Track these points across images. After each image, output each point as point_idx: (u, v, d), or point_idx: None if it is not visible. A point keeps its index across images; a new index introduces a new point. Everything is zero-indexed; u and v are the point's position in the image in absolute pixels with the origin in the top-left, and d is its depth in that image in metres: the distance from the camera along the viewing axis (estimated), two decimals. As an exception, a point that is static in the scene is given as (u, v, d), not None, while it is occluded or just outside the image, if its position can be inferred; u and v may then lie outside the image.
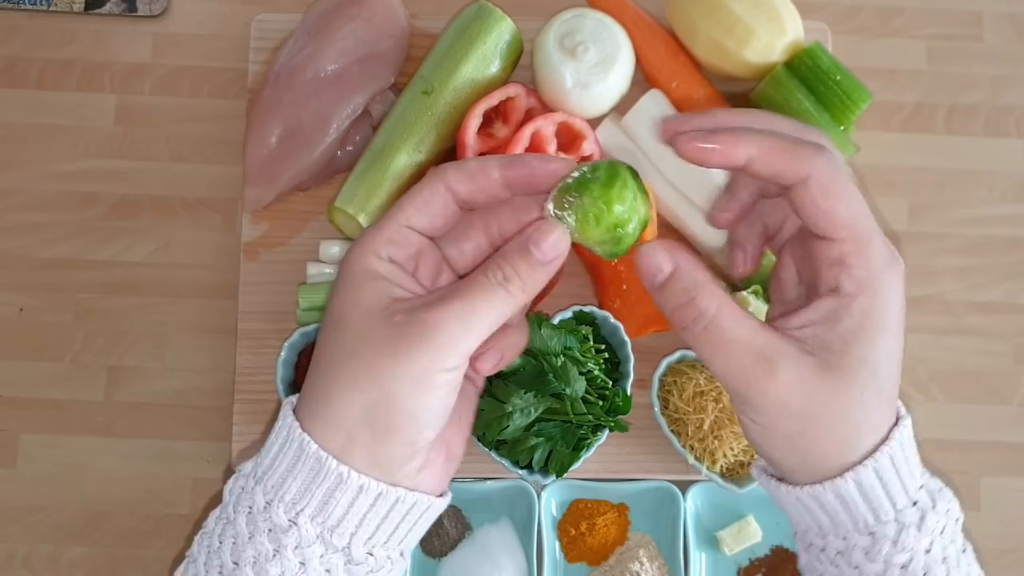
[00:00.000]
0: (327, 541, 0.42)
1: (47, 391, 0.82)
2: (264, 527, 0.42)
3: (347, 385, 0.42)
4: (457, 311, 0.42)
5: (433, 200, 0.45)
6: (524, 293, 0.43)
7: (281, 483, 0.42)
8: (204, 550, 0.44)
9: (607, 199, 0.42)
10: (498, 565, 0.76)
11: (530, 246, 0.43)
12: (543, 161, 0.44)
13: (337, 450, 0.42)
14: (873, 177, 0.87)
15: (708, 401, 0.76)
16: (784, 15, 0.80)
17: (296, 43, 0.81)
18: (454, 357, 0.42)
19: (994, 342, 0.85)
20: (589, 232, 0.43)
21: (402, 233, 0.44)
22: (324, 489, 0.42)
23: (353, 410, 0.42)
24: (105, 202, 0.85)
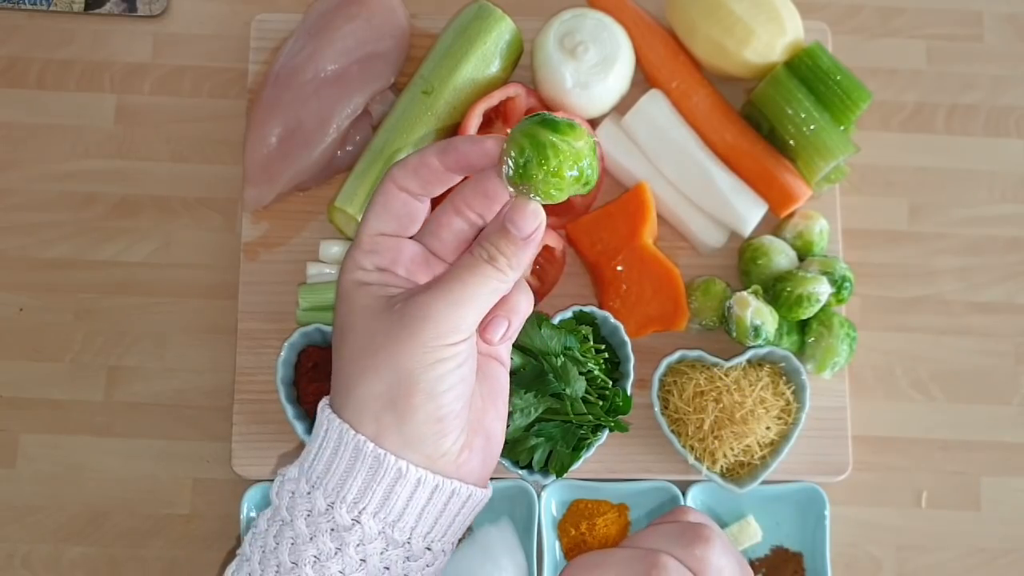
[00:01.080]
0: (388, 536, 0.45)
1: (47, 391, 0.82)
2: (326, 527, 0.44)
3: (365, 375, 0.45)
4: (450, 288, 0.45)
5: (390, 203, 0.47)
6: (512, 268, 0.46)
7: (341, 485, 0.44)
8: (258, 550, 0.46)
9: (553, 171, 0.44)
10: (498, 565, 0.76)
11: (508, 225, 0.45)
12: (473, 144, 0.46)
13: (371, 435, 0.44)
14: (873, 177, 0.87)
15: (708, 401, 0.76)
16: (784, 15, 0.80)
17: (296, 43, 0.81)
18: (455, 332, 0.44)
19: (994, 342, 0.85)
20: (559, 198, 0.45)
21: (376, 241, 0.47)
22: (384, 486, 0.44)
23: (376, 396, 0.44)
24: (105, 202, 0.85)
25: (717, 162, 0.81)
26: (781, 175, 0.80)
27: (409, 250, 0.48)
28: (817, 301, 0.77)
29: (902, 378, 0.84)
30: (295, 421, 0.75)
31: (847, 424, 0.81)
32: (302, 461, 0.46)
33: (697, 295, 0.80)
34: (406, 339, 0.44)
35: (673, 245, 0.84)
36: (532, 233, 0.45)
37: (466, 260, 0.46)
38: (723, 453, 0.76)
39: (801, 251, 0.82)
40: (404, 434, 0.44)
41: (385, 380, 0.44)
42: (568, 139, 0.44)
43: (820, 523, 0.79)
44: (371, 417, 0.44)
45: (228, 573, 0.47)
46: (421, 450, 0.45)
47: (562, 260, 0.81)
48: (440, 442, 0.45)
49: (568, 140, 0.44)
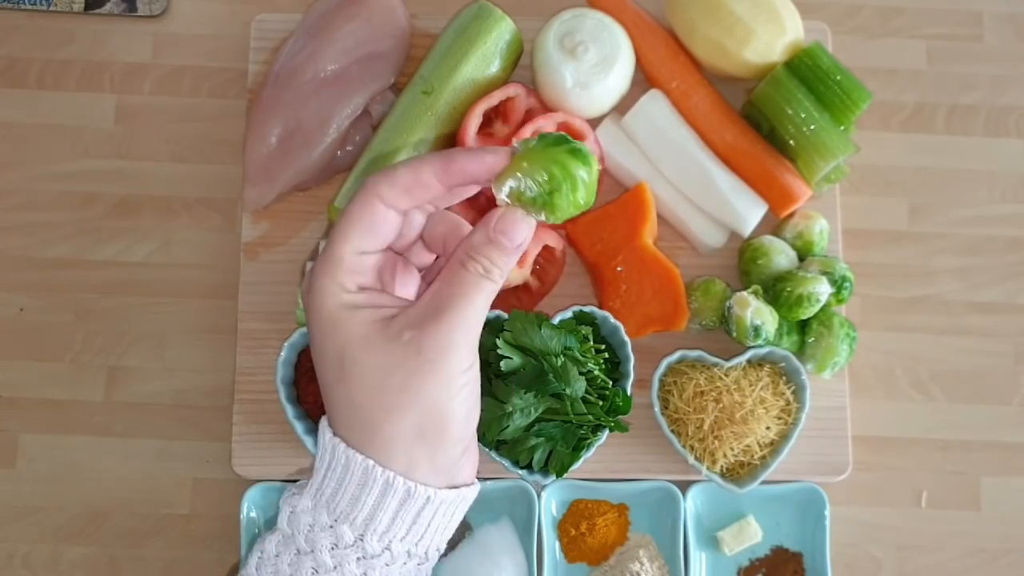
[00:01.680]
0: (412, 553, 0.46)
1: (47, 391, 0.82)
2: (352, 556, 0.45)
3: (392, 414, 0.44)
4: (460, 314, 0.44)
5: (375, 220, 0.45)
6: (503, 277, 0.46)
7: (371, 517, 0.44)
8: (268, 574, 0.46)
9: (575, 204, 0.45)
10: (498, 565, 0.76)
11: (501, 238, 0.45)
12: (476, 158, 0.45)
13: (402, 471, 0.44)
14: (873, 177, 0.87)
15: (708, 401, 0.76)
16: (784, 15, 0.80)
17: (296, 43, 0.81)
18: (470, 355, 0.45)
19: (994, 342, 0.85)
20: (563, 216, 0.45)
21: (357, 260, 0.45)
22: (413, 512, 0.45)
23: (405, 433, 0.44)
24: (105, 202, 0.85)
25: (717, 162, 0.81)
26: (781, 175, 0.80)
27: (389, 259, 0.47)
28: (817, 301, 0.77)
29: (902, 378, 0.84)
30: (295, 421, 0.75)
31: (847, 424, 0.81)
32: (314, 491, 0.46)
33: (697, 295, 0.80)
34: (431, 374, 0.43)
35: (673, 245, 0.84)
36: (523, 244, 0.46)
37: (463, 278, 0.45)
38: (723, 453, 0.76)
39: (801, 251, 0.82)
40: (435, 463, 0.45)
41: (414, 416, 0.44)
42: (591, 171, 0.45)
43: (820, 523, 0.79)
44: (402, 452, 0.44)
45: None
46: (449, 475, 0.45)
47: (562, 260, 0.81)
48: (459, 460, 0.46)
49: (591, 172, 0.45)
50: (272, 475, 0.79)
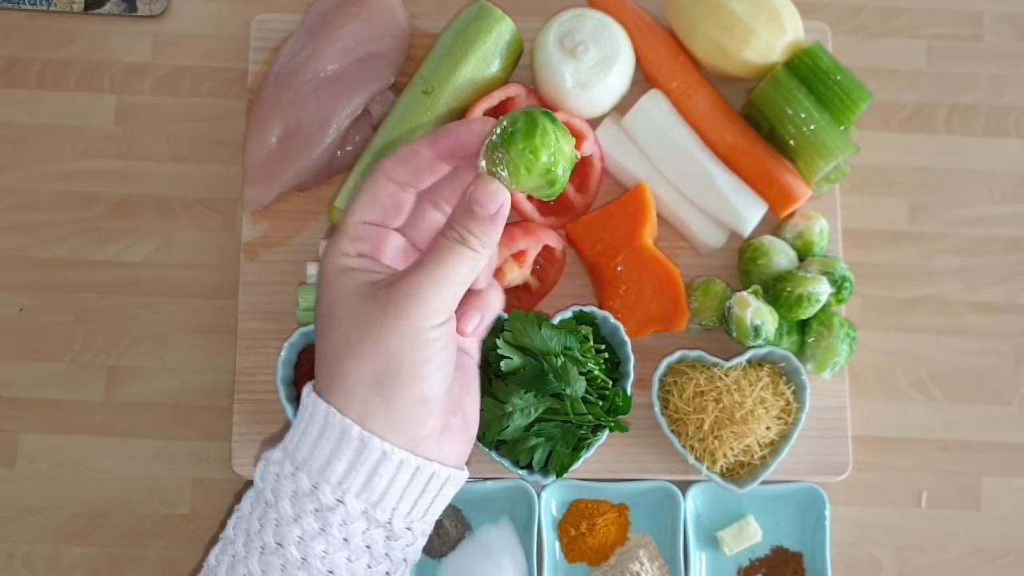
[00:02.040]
0: (370, 516, 0.46)
1: (47, 391, 0.82)
2: (310, 507, 0.45)
3: (353, 360, 0.45)
4: (430, 270, 0.46)
5: (379, 194, 0.49)
6: (483, 247, 0.47)
7: (326, 466, 0.45)
8: (242, 532, 0.47)
9: (533, 149, 0.45)
10: (498, 565, 0.76)
11: (475, 207, 0.46)
12: (464, 125, 0.48)
13: (357, 418, 0.45)
14: (873, 177, 0.87)
15: (708, 401, 0.76)
16: (784, 15, 0.80)
17: (296, 43, 0.81)
18: (439, 312, 0.46)
19: (994, 342, 0.85)
20: (523, 183, 0.46)
21: (360, 229, 0.48)
22: (368, 467, 0.45)
23: (363, 379, 0.45)
24: (105, 202, 0.85)
25: (717, 162, 0.81)
26: (781, 175, 0.80)
27: (392, 240, 0.49)
28: (817, 301, 0.77)
29: (902, 378, 0.84)
30: (295, 421, 0.75)
31: (847, 424, 0.81)
32: (286, 444, 0.47)
33: (697, 295, 0.80)
34: (392, 323, 0.45)
35: (673, 245, 0.84)
36: (496, 212, 0.46)
37: (441, 243, 0.47)
38: (723, 453, 0.76)
39: (801, 251, 0.82)
40: (391, 416, 0.45)
41: (372, 363, 0.45)
42: (559, 133, 0.46)
43: (820, 523, 0.79)
44: (358, 400, 0.45)
45: (211, 557, 0.48)
46: (406, 432, 0.46)
47: (562, 260, 0.81)
48: (425, 423, 0.46)
49: (559, 133, 0.46)
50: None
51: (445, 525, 0.78)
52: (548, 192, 0.47)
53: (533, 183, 0.46)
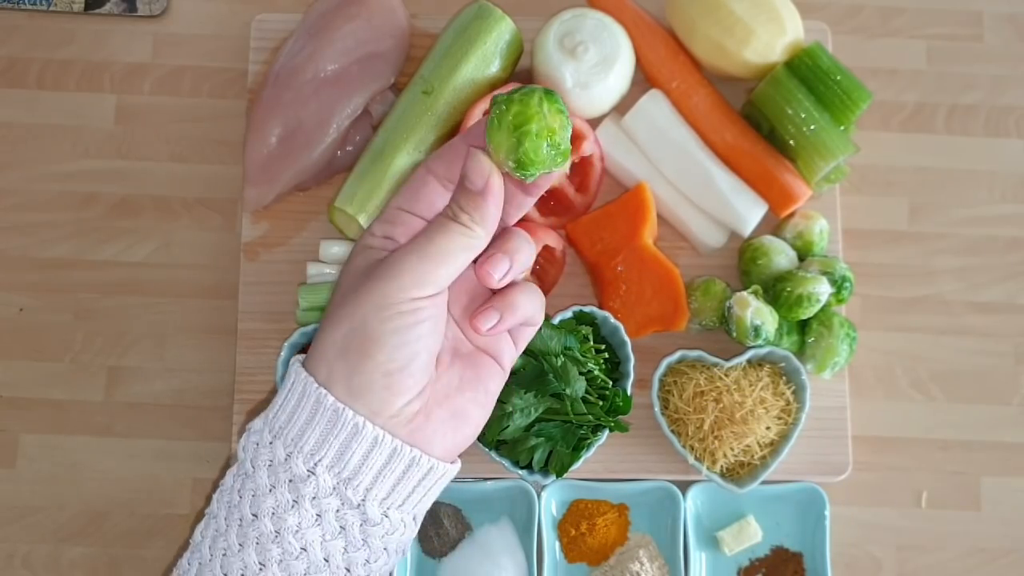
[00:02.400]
0: (343, 494, 0.45)
1: (47, 391, 0.82)
2: (284, 478, 0.45)
3: (330, 324, 0.46)
4: (417, 244, 0.45)
5: (417, 184, 0.48)
6: (475, 223, 0.46)
7: (300, 435, 0.45)
8: (224, 506, 0.47)
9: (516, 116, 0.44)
10: (498, 565, 0.76)
11: (463, 180, 0.46)
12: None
13: (323, 381, 0.45)
14: (873, 177, 0.87)
15: (708, 401, 0.76)
16: (784, 15, 0.80)
17: (296, 43, 0.81)
18: (419, 286, 0.45)
19: (994, 342, 0.85)
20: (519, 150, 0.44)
21: (393, 213, 0.48)
22: (341, 439, 0.44)
23: (333, 343, 0.45)
24: (105, 202, 0.85)
25: (717, 162, 0.81)
26: (781, 175, 0.80)
27: (419, 226, 0.48)
28: (817, 301, 0.77)
29: (902, 378, 0.84)
30: (295, 421, 0.75)
31: (847, 424, 0.81)
32: (267, 412, 0.47)
33: (697, 295, 0.80)
34: (370, 289, 0.45)
35: (673, 245, 0.84)
36: (484, 186, 0.45)
37: (435, 219, 0.47)
38: (723, 453, 0.76)
39: (801, 251, 0.82)
40: (351, 383, 0.44)
41: (343, 328, 0.45)
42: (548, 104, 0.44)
43: (820, 523, 0.79)
44: (325, 363, 0.45)
45: (196, 532, 0.47)
46: (367, 403, 0.44)
47: (562, 260, 0.81)
48: (389, 399, 0.45)
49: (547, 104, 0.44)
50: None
51: (445, 525, 0.78)
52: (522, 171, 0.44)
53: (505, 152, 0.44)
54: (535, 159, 0.44)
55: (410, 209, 0.48)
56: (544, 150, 0.44)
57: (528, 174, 0.44)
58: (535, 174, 0.45)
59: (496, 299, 0.48)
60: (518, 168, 0.44)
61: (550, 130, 0.44)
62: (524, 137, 0.44)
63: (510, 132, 0.44)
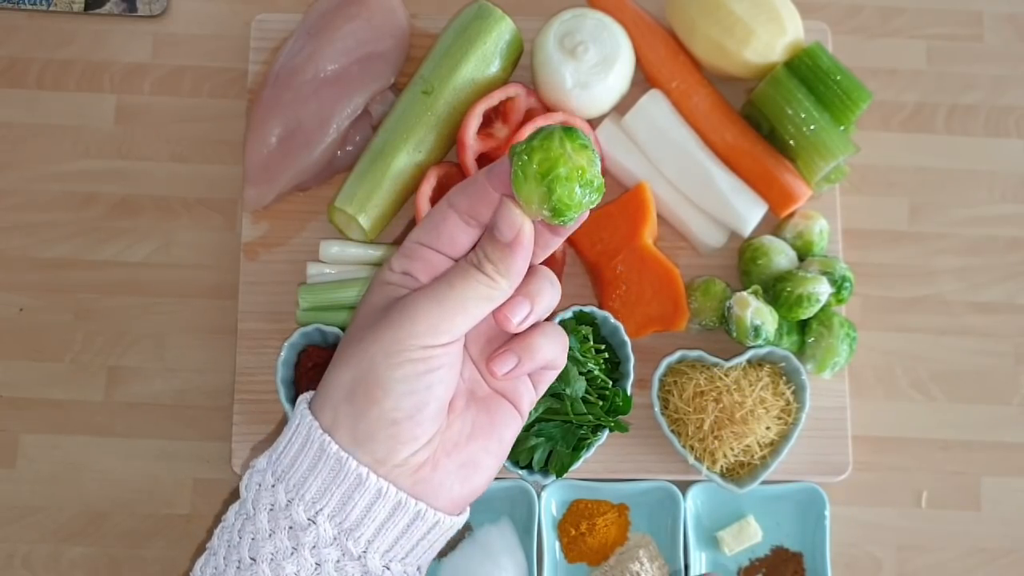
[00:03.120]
0: (343, 545, 0.43)
1: (47, 391, 0.82)
2: (285, 524, 0.43)
3: (338, 365, 0.44)
4: (437, 290, 0.44)
5: (437, 219, 0.46)
6: (501, 275, 0.44)
7: (303, 482, 0.43)
8: (224, 544, 0.45)
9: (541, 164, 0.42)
10: (498, 565, 0.76)
11: (492, 230, 0.44)
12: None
13: (327, 426, 0.43)
14: (873, 177, 0.87)
15: (708, 401, 0.76)
16: (784, 15, 0.80)
17: (296, 43, 0.81)
18: (433, 333, 0.43)
19: (994, 342, 0.85)
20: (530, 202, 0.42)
21: (413, 248, 0.46)
22: (343, 489, 0.43)
23: (341, 386, 0.43)
24: (105, 202, 0.85)
25: (717, 162, 0.81)
26: (781, 175, 0.80)
27: (440, 264, 0.46)
28: (817, 301, 0.77)
29: (902, 378, 0.84)
30: (295, 421, 0.75)
31: (847, 424, 0.81)
32: (271, 452, 0.46)
33: (697, 295, 0.80)
34: (381, 333, 0.43)
35: (673, 245, 0.84)
36: (514, 239, 0.44)
37: (458, 265, 0.45)
38: (723, 453, 0.76)
39: (801, 251, 0.82)
40: (356, 430, 0.43)
41: (351, 371, 0.43)
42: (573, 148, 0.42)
43: (820, 523, 0.79)
44: (330, 407, 0.43)
45: (197, 567, 0.46)
46: (371, 451, 0.43)
47: (562, 260, 0.81)
48: (394, 448, 0.43)
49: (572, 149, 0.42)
50: (272, 475, 0.78)
51: (445, 525, 0.78)
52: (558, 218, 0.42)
53: (537, 202, 0.42)
54: (570, 204, 0.42)
55: (430, 244, 0.45)
56: (577, 192, 0.42)
57: (565, 219, 0.43)
58: (573, 218, 0.43)
59: (515, 342, 0.46)
60: (554, 216, 0.42)
61: (579, 169, 0.42)
62: (554, 184, 0.41)
63: (538, 182, 0.42)
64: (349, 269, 0.79)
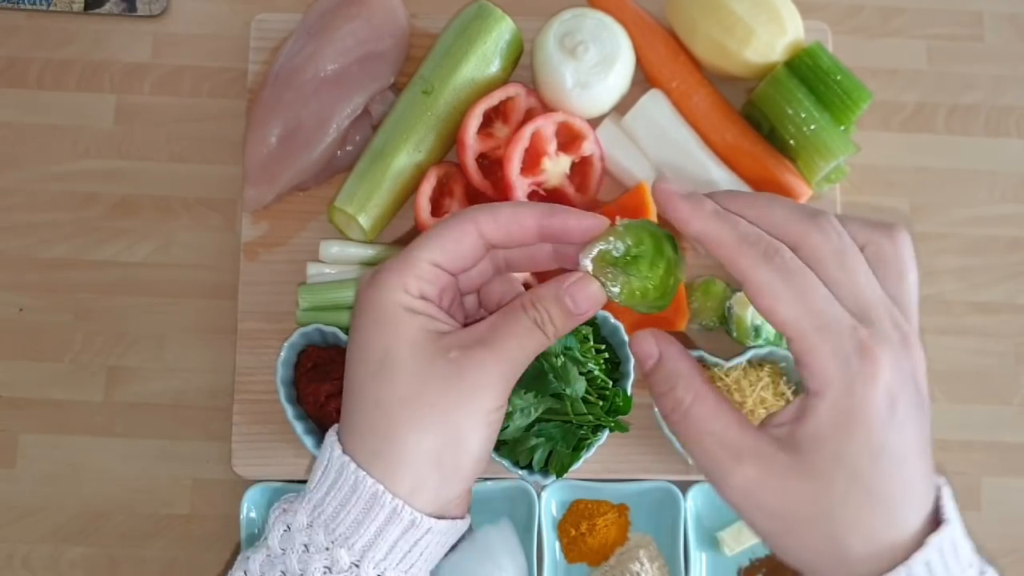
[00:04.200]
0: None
1: (47, 391, 0.82)
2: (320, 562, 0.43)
3: (415, 428, 0.42)
4: (508, 353, 0.43)
5: (463, 241, 0.45)
6: (555, 336, 0.44)
7: (371, 545, 0.43)
8: None
9: (654, 279, 0.44)
10: (498, 565, 0.76)
11: (566, 299, 0.44)
12: (579, 218, 0.45)
13: (406, 493, 0.42)
14: (873, 177, 0.87)
15: (708, 401, 0.76)
16: (784, 15, 0.80)
17: (296, 43, 0.81)
18: (502, 397, 0.43)
19: (994, 342, 0.85)
20: (634, 303, 0.45)
21: (429, 270, 0.44)
22: (395, 534, 0.43)
23: (422, 454, 0.42)
24: (105, 202, 0.85)
25: (717, 162, 0.81)
26: (781, 175, 0.80)
27: (452, 288, 0.46)
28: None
29: (902, 378, 0.84)
30: (295, 421, 0.75)
31: (847, 424, 0.81)
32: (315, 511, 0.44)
33: (697, 295, 0.80)
34: (466, 401, 0.42)
35: (673, 245, 0.83)
36: (586, 313, 0.44)
37: (520, 320, 0.44)
38: (723, 453, 0.76)
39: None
40: (439, 495, 0.43)
41: (436, 438, 0.42)
42: (679, 263, 0.44)
43: (820, 523, 0.79)
44: (411, 473, 0.42)
45: None
46: (444, 509, 0.44)
47: (562, 260, 0.81)
48: (462, 502, 0.45)
49: (679, 264, 0.44)
50: (272, 475, 0.79)
51: (445, 525, 0.78)
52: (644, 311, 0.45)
53: (645, 308, 0.45)
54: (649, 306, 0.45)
55: (445, 266, 0.45)
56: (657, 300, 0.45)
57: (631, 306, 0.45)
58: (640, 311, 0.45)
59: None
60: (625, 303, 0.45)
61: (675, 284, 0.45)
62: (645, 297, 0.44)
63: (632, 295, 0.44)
64: (349, 269, 0.79)
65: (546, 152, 0.79)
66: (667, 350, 0.44)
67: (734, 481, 0.41)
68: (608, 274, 0.44)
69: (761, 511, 0.41)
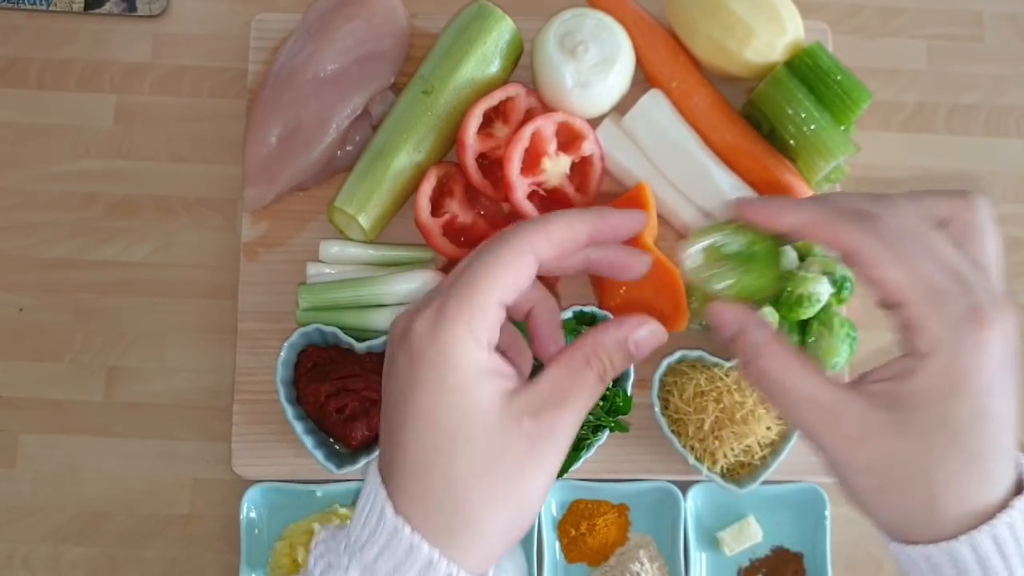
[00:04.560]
0: None
1: (47, 391, 0.82)
2: None
3: (485, 502, 0.40)
4: (575, 411, 0.41)
5: (524, 274, 0.42)
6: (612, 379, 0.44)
7: None
8: None
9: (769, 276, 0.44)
10: (498, 565, 0.76)
11: (631, 348, 0.43)
12: (627, 217, 0.45)
13: (473, 566, 0.40)
14: (873, 177, 0.87)
15: (708, 401, 0.76)
16: (784, 15, 0.80)
17: (296, 43, 0.81)
18: (567, 450, 0.42)
19: (994, 342, 0.85)
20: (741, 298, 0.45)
21: (497, 313, 0.41)
22: None
23: (497, 527, 0.40)
24: (105, 202, 0.85)
25: (717, 162, 0.81)
26: (781, 175, 0.80)
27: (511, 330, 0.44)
28: (818, 301, 0.77)
29: (902, 378, 0.84)
30: (295, 421, 0.75)
31: (847, 424, 0.81)
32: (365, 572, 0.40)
33: (697, 295, 0.80)
34: (535, 471, 0.40)
35: (673, 245, 0.83)
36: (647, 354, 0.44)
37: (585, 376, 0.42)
38: (723, 453, 0.76)
39: (801, 251, 0.82)
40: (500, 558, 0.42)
41: (510, 511, 0.40)
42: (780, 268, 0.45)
43: (820, 523, 0.79)
44: (485, 546, 0.40)
45: None
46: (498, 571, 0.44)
47: (562, 260, 0.81)
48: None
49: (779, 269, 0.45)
50: (272, 475, 0.79)
51: (445, 525, 0.78)
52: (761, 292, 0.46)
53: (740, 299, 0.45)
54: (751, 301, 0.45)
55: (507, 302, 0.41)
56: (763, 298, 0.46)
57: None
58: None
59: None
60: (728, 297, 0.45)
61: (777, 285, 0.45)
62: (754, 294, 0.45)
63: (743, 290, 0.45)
64: (349, 269, 0.79)
65: (546, 152, 0.79)
66: (747, 320, 0.44)
67: (830, 441, 0.42)
68: (716, 268, 0.44)
69: (856, 469, 0.42)
